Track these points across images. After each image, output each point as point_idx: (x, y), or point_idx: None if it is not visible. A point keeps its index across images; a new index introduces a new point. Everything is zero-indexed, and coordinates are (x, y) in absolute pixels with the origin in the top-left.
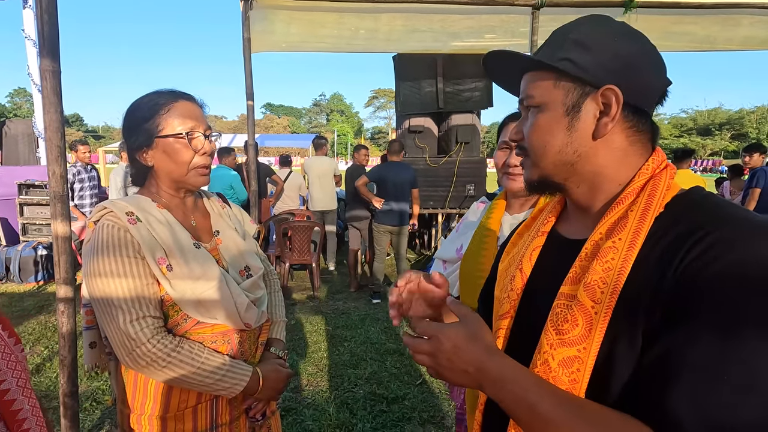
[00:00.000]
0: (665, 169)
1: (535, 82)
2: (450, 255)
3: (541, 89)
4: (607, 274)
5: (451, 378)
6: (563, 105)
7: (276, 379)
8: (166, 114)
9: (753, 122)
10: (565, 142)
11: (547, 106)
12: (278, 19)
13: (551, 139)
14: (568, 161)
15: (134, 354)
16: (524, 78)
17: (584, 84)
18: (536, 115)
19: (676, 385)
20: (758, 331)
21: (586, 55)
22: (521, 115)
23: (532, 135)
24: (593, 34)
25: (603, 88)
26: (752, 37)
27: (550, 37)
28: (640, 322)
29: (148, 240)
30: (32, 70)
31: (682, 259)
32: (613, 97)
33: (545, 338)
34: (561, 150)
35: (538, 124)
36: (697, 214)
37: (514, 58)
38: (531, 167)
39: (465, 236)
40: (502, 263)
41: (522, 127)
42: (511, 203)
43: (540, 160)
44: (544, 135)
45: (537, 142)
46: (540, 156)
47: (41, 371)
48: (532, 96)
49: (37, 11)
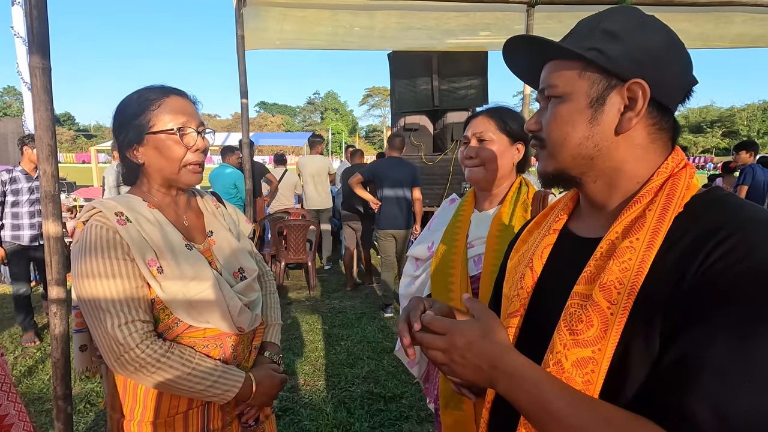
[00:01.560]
0: (684, 168)
1: (558, 72)
2: (422, 253)
3: (564, 79)
4: (624, 274)
5: (464, 374)
6: (587, 96)
7: (269, 385)
8: (157, 110)
9: (744, 120)
10: (586, 135)
11: (570, 96)
12: (272, 17)
13: (572, 131)
14: (587, 155)
15: (122, 359)
16: (547, 67)
17: (611, 76)
18: (557, 106)
19: (696, 387)
20: None
21: (615, 46)
22: (490, 112)
23: (551, 126)
24: (624, 25)
25: (630, 82)
26: (745, 35)
27: (576, 25)
28: (657, 323)
29: (137, 241)
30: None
31: (702, 261)
32: (639, 92)
33: (558, 338)
34: (581, 143)
35: (559, 114)
36: (717, 215)
37: (540, 43)
38: (547, 159)
39: (437, 234)
40: (511, 260)
41: (540, 117)
42: (479, 200)
43: (558, 153)
44: (565, 126)
45: (556, 133)
46: (558, 148)
47: (33, 374)
48: (555, 85)
49: (26, 7)
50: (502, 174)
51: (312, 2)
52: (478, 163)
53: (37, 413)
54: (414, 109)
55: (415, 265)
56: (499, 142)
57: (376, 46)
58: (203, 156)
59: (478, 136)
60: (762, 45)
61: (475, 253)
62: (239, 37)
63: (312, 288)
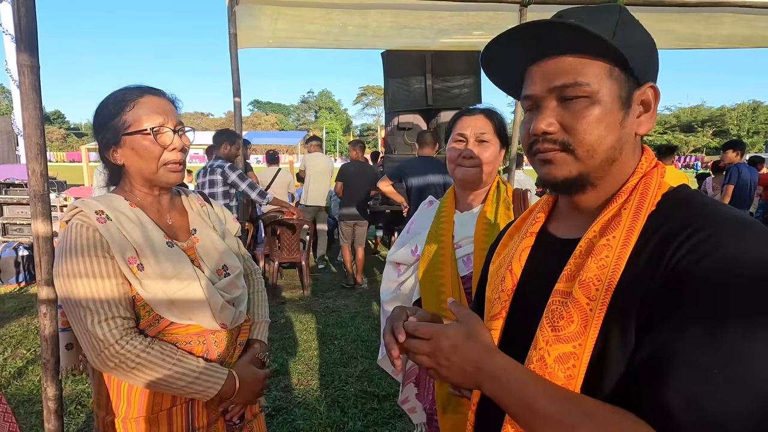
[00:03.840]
0: (655, 167)
1: (584, 69)
2: (406, 258)
3: (593, 77)
4: (602, 271)
5: (450, 377)
6: (619, 98)
7: (252, 382)
8: (132, 110)
9: (734, 119)
10: (617, 138)
11: (600, 96)
12: (265, 15)
13: (606, 134)
14: (613, 158)
15: (103, 355)
16: (564, 61)
17: (631, 77)
18: (589, 107)
19: (668, 379)
20: (744, 324)
21: (641, 51)
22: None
23: (585, 128)
24: (636, 24)
25: (647, 85)
26: (734, 35)
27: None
28: (633, 318)
29: (117, 239)
30: (10, 65)
31: (670, 257)
32: (651, 94)
33: (541, 335)
34: (613, 146)
35: (594, 116)
36: (684, 213)
37: (576, 31)
38: (573, 163)
39: (419, 237)
40: (492, 264)
41: (558, 118)
42: (460, 200)
43: (590, 157)
44: (599, 129)
45: (592, 136)
46: (592, 152)
47: (23, 375)
48: (586, 84)
49: (14, 4)
50: (493, 176)
51: (305, 0)
52: (477, 164)
53: (27, 415)
54: (407, 108)
55: (398, 271)
56: (495, 144)
57: (370, 45)
58: (182, 155)
59: (479, 136)
60: (750, 45)
61: (463, 253)
62: (232, 35)
63: (306, 287)
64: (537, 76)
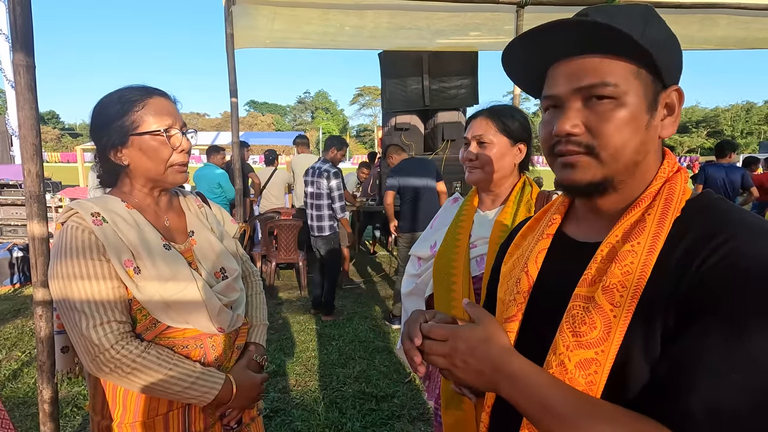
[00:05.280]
0: (678, 172)
1: (612, 69)
2: (425, 252)
3: (620, 78)
4: (627, 277)
5: (466, 379)
6: (645, 99)
7: (250, 387)
8: (141, 111)
9: (728, 120)
10: (643, 141)
11: (626, 98)
12: (261, 15)
13: (632, 137)
14: (638, 162)
15: (98, 360)
16: (590, 61)
17: (657, 80)
18: (615, 109)
19: (693, 386)
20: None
21: (668, 51)
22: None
23: (613, 132)
24: (662, 22)
25: (672, 88)
26: (728, 37)
27: (614, 17)
28: (658, 325)
29: (113, 241)
30: (5, 65)
31: (699, 264)
32: (676, 97)
33: (561, 339)
34: (638, 149)
35: (620, 119)
36: (710, 220)
37: (607, 29)
38: (597, 166)
39: (439, 233)
40: (505, 265)
41: (583, 120)
42: (482, 200)
43: (615, 160)
44: (625, 131)
45: (617, 139)
46: (617, 156)
47: (19, 377)
48: (614, 85)
49: (9, 4)
50: (503, 175)
51: (302, 1)
52: (478, 166)
53: (22, 417)
54: (405, 109)
55: (417, 264)
56: (499, 143)
57: (367, 46)
58: (188, 156)
59: (477, 138)
60: (745, 47)
61: (477, 253)
62: (228, 36)
63: (303, 288)
64: (561, 75)
